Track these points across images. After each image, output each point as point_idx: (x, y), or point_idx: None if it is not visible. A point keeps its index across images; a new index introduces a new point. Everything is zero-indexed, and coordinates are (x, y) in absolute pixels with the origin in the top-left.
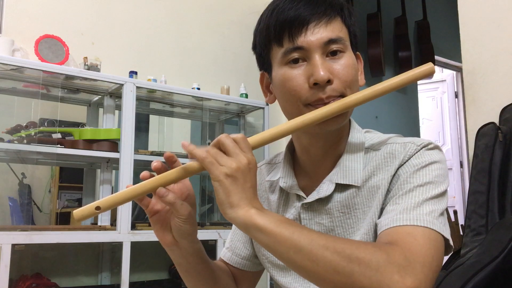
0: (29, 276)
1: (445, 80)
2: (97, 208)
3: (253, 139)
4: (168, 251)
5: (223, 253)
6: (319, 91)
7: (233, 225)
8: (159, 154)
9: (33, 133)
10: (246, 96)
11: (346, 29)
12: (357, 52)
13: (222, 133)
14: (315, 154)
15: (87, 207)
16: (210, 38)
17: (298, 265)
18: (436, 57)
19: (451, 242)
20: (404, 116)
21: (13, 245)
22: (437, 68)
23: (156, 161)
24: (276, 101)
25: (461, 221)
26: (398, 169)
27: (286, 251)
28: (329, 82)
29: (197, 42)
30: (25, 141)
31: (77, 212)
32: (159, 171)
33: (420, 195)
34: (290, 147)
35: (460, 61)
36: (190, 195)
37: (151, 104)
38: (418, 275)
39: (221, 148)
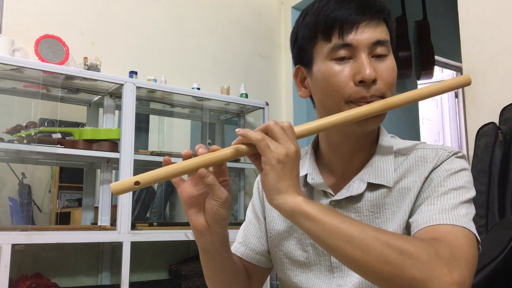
0: (29, 276)
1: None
2: (136, 183)
3: (298, 129)
4: (198, 236)
5: (235, 247)
6: (364, 89)
7: (246, 220)
8: (159, 154)
9: (33, 133)
10: (246, 96)
11: (389, 35)
12: None
13: (222, 133)
14: (344, 153)
15: (125, 181)
16: (210, 38)
17: (347, 255)
18: (436, 57)
19: (480, 246)
20: (404, 116)
21: (13, 245)
22: (437, 68)
23: (201, 145)
24: (308, 98)
25: None
26: (431, 172)
27: (335, 240)
28: (373, 81)
29: (197, 42)
30: (25, 141)
31: (114, 186)
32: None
33: (455, 197)
34: (315, 145)
35: (460, 61)
36: (227, 181)
37: (151, 104)
38: (464, 270)
39: (269, 134)
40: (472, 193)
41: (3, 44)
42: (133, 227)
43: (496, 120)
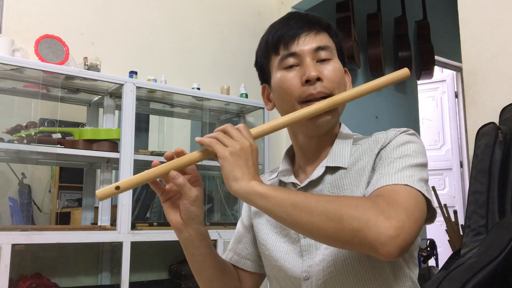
0: (29, 276)
1: (445, 80)
2: (117, 188)
3: (253, 130)
4: (177, 233)
5: (225, 255)
6: (310, 87)
7: (236, 228)
8: (159, 154)
9: (33, 133)
10: (246, 96)
11: (333, 43)
12: (345, 68)
13: None
14: (309, 153)
15: (108, 188)
16: (210, 38)
17: (295, 220)
18: (436, 57)
19: (434, 205)
20: (404, 116)
21: (13, 245)
22: (437, 68)
23: (169, 152)
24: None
25: (461, 221)
26: (380, 150)
27: (284, 209)
28: (319, 80)
29: (197, 42)
30: (25, 141)
31: (99, 192)
32: (171, 159)
33: (399, 164)
34: (290, 152)
35: (460, 61)
36: (198, 181)
37: (151, 104)
38: (402, 218)
39: (226, 134)
40: (420, 159)
41: (3, 44)
42: (133, 227)
43: (496, 120)
